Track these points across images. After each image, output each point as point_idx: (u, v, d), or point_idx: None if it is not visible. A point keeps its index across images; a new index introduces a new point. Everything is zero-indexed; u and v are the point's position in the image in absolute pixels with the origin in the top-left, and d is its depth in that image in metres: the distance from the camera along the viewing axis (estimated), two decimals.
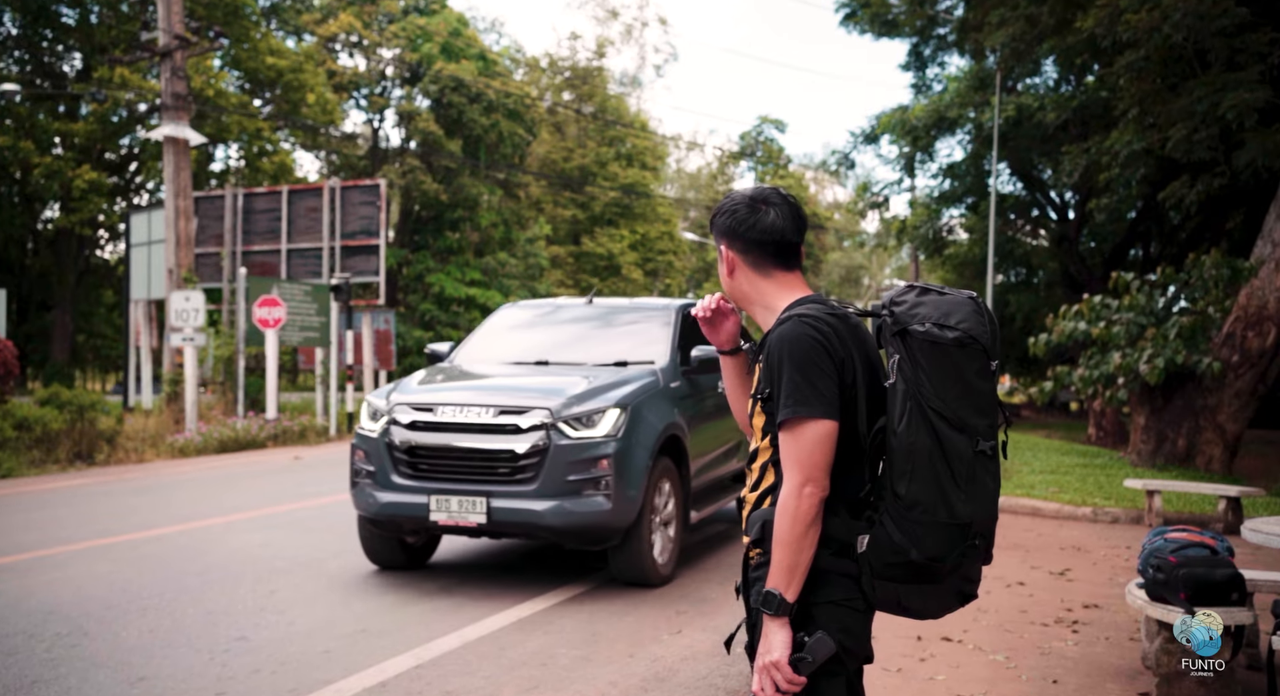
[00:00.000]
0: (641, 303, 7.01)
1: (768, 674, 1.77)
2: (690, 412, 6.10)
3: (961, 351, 1.73)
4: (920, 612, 1.85)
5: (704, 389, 6.46)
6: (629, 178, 46.87)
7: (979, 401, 1.75)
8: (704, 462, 6.39)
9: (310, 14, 37.70)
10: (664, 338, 6.37)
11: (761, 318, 1.98)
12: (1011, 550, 6.84)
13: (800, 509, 1.75)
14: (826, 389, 1.78)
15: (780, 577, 1.76)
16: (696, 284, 58.97)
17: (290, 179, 31.42)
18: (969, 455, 1.72)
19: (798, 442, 1.77)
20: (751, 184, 21.39)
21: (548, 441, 5.20)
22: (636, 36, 56.87)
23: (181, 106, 15.35)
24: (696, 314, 2.10)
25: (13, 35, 31.97)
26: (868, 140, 24.66)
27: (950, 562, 1.74)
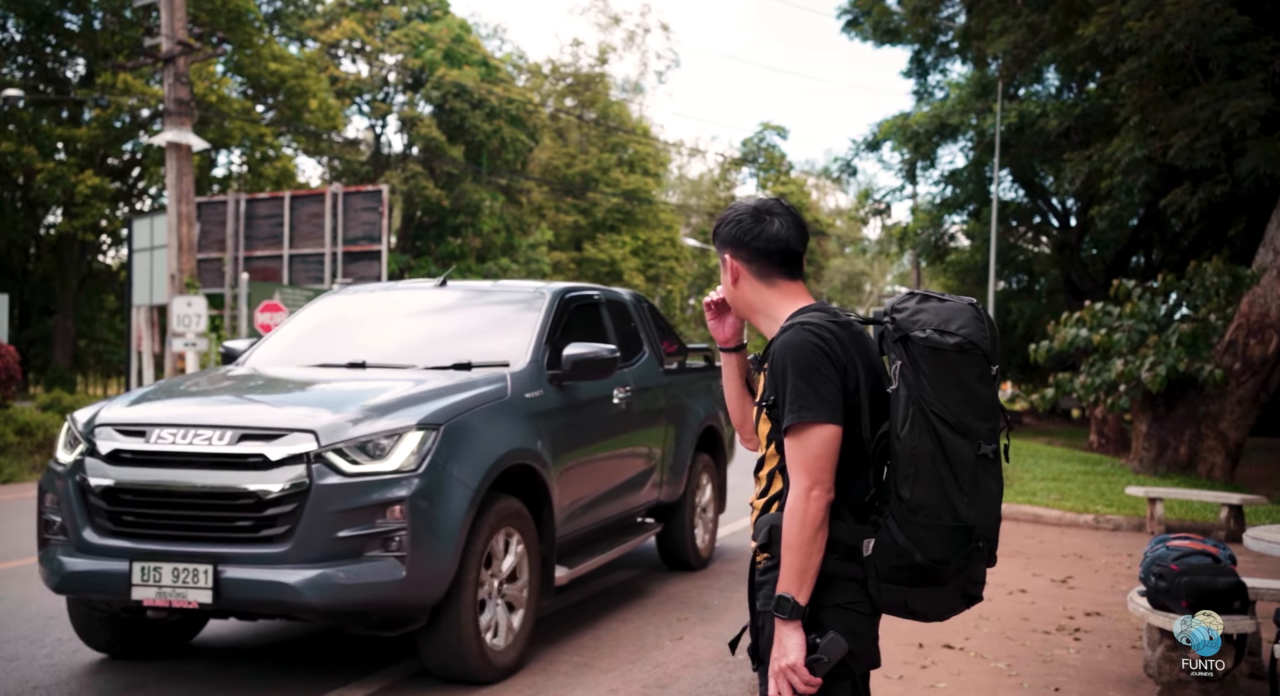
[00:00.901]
0: (507, 286, 5.46)
1: (784, 677, 1.79)
2: (557, 434, 4.53)
3: (962, 357, 1.76)
4: (927, 615, 1.87)
5: (584, 402, 4.85)
6: (631, 184, 46.95)
7: (980, 406, 1.78)
8: (583, 501, 4.82)
9: (313, 20, 37.83)
10: (527, 332, 4.73)
11: (765, 326, 2.00)
12: (1013, 557, 6.83)
13: (809, 513, 1.77)
14: (830, 394, 1.80)
15: (791, 581, 1.78)
16: (698, 290, 59.01)
17: (292, 185, 31.49)
18: (971, 459, 1.75)
19: (804, 447, 1.79)
20: (753, 192, 21.50)
21: (308, 479, 3.58)
22: (639, 43, 57.00)
23: (184, 112, 15.39)
24: (708, 302, 2.12)
25: (16, 41, 32.05)
26: (869, 147, 24.68)
27: (955, 565, 1.76)
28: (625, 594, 5.59)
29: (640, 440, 5.48)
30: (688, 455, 6.04)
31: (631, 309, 5.99)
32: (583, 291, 5.40)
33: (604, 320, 5.49)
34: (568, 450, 4.62)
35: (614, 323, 5.58)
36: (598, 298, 5.55)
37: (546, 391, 4.55)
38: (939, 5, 16.89)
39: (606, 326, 5.47)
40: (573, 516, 4.71)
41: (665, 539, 6.09)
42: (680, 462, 5.96)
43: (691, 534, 6.16)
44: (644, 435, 5.52)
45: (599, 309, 5.51)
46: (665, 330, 6.31)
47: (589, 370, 4.60)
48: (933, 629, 4.79)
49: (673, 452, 5.88)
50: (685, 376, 6.30)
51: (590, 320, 5.38)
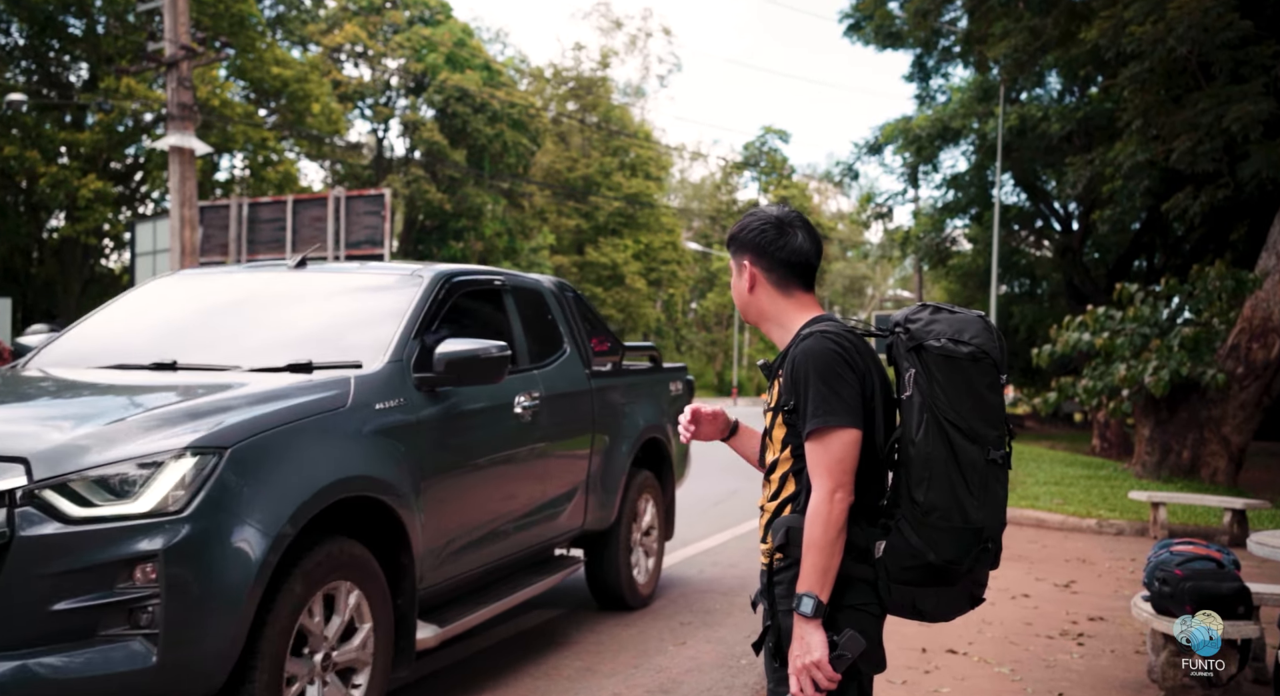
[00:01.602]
0: (379, 268, 4.43)
1: (808, 674, 1.84)
2: (425, 454, 3.54)
3: (975, 365, 1.85)
4: (933, 615, 1.94)
5: (469, 413, 3.85)
6: (633, 188, 46.97)
7: (990, 413, 1.86)
8: (469, 537, 3.85)
9: (316, 24, 37.88)
10: (392, 325, 3.73)
11: (776, 334, 2.07)
12: (1016, 561, 6.82)
13: (833, 514, 1.83)
14: (851, 399, 1.87)
15: (814, 580, 1.84)
16: (700, 294, 58.99)
17: (295, 188, 31.51)
18: (981, 464, 1.83)
19: (827, 450, 1.86)
20: (755, 195, 21.43)
21: (8, 530, 2.54)
22: (640, 47, 57.02)
23: (187, 116, 15.42)
24: (685, 439, 2.21)
25: (19, 45, 32.13)
26: (871, 151, 24.69)
27: (965, 565, 1.85)
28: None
29: (555, 457, 4.49)
30: (621, 473, 5.05)
31: (550, 298, 4.95)
32: (476, 276, 4.36)
33: (507, 311, 4.48)
34: (441, 474, 3.61)
35: (522, 315, 4.57)
36: (500, 284, 4.51)
37: (411, 400, 3.50)
38: (941, 9, 16.91)
39: (510, 319, 4.47)
40: (451, 557, 3.71)
41: (595, 573, 5.13)
42: (611, 482, 4.97)
43: (626, 567, 5.15)
44: (560, 451, 4.55)
45: (501, 297, 4.49)
46: (596, 325, 5.35)
47: (471, 372, 3.57)
48: (936, 633, 4.78)
49: (601, 470, 4.90)
50: (621, 379, 5.30)
51: (489, 311, 4.49)
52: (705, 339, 59.47)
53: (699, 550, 7.13)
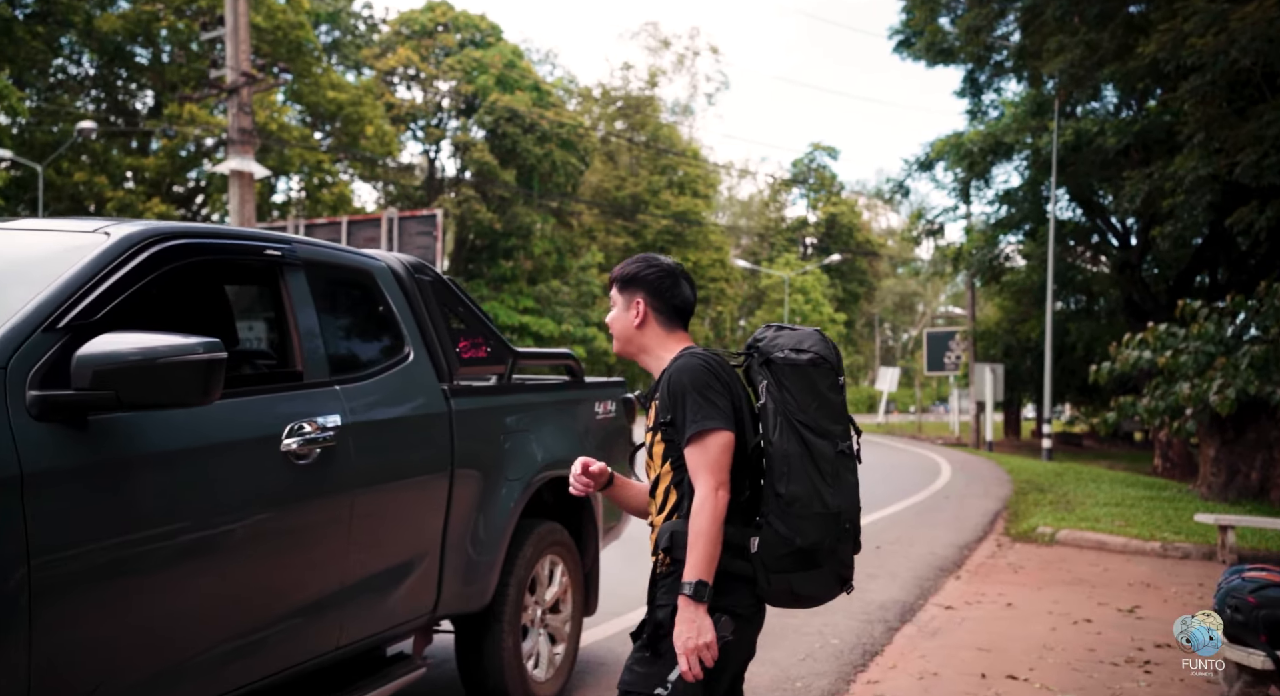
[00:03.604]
0: (44, 226, 2.81)
1: (697, 654, 2.02)
2: (52, 535, 2.10)
3: (816, 370, 2.14)
4: (810, 599, 2.16)
5: (154, 458, 2.36)
6: (681, 205, 47.07)
7: (833, 411, 2.15)
8: (166, 667, 2.40)
9: (370, 49, 38.70)
10: (11, 310, 2.23)
11: (653, 365, 2.31)
12: (1076, 585, 6.66)
13: (716, 507, 2.05)
14: (724, 406, 2.12)
15: (703, 568, 2.03)
16: (749, 311, 58.80)
17: (349, 209, 32.13)
18: (832, 455, 2.11)
19: (706, 452, 2.09)
20: (804, 212, 21.40)
21: None
22: (688, 66, 57.33)
23: (247, 141, 15.82)
24: (578, 491, 2.31)
25: (90, 75, 33.32)
26: (922, 167, 24.45)
27: (828, 545, 2.09)
28: None
29: (371, 514, 3.00)
30: (504, 528, 3.58)
31: (385, 282, 3.43)
32: (222, 241, 2.85)
33: (289, 297, 2.97)
34: (92, 565, 2.18)
35: (322, 304, 3.09)
36: (279, 255, 2.96)
37: (14, 436, 2.06)
38: (994, 24, 16.75)
39: (294, 309, 2.97)
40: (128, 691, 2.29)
41: (467, 669, 3.69)
42: (486, 542, 3.52)
43: (515, 660, 3.66)
44: (383, 502, 3.06)
45: (279, 277, 2.98)
46: (472, 322, 3.76)
47: (145, 388, 2.16)
48: (996, 659, 4.68)
49: (467, 527, 3.45)
50: (508, 398, 3.81)
51: (253, 299, 3.55)
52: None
53: None
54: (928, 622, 5.55)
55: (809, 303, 54.18)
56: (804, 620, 5.51)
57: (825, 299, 56.36)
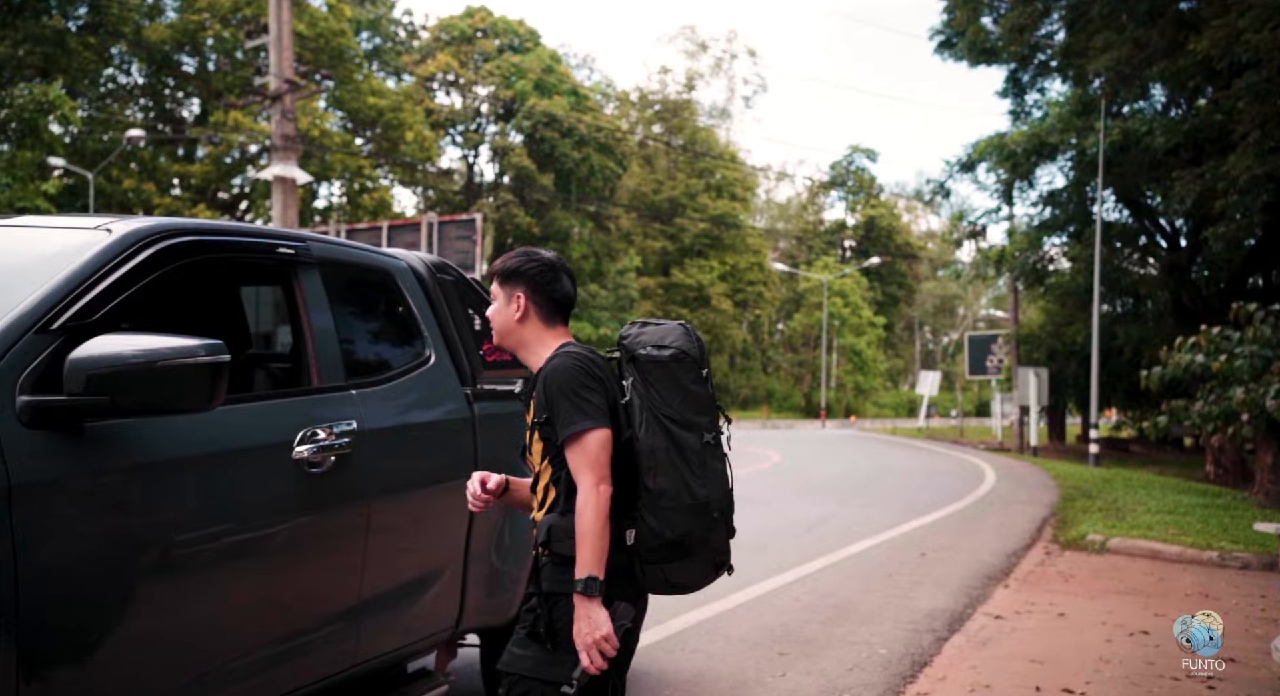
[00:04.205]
0: (44, 222, 2.74)
1: (597, 648, 2.05)
2: (46, 550, 1.99)
3: (678, 365, 2.18)
4: (686, 586, 2.22)
5: (154, 467, 2.22)
6: (718, 209, 46.94)
7: (698, 403, 2.19)
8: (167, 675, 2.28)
9: (410, 55, 39.06)
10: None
11: (532, 360, 2.32)
12: (1130, 595, 6.48)
13: (600, 503, 2.08)
14: (599, 404, 2.15)
15: (593, 564, 2.07)
16: (787, 314, 58.48)
17: (389, 214, 32.45)
18: (698, 447, 2.15)
19: (584, 450, 2.11)
20: (842, 215, 21.34)
21: None
22: (726, 69, 57.19)
23: (290, 147, 16.02)
24: (476, 508, 2.33)
25: (139, 84, 34.00)
26: (964, 168, 24.11)
27: (698, 535, 2.14)
28: (717, 630, 5.49)
29: (389, 527, 2.89)
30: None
31: (406, 282, 3.31)
32: (230, 238, 2.73)
33: (304, 298, 2.85)
34: (78, 575, 2.05)
35: (339, 305, 3.00)
36: (291, 253, 2.84)
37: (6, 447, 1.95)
38: (1038, 23, 16.48)
39: (309, 310, 2.85)
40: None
41: (495, 684, 3.12)
42: (514, 552, 3.45)
43: None
44: (402, 512, 2.97)
45: (292, 276, 2.86)
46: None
47: (143, 393, 2.05)
48: (1051, 672, 4.56)
49: (492, 537, 3.36)
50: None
51: (265, 300, 3.42)
52: (792, 360, 58.85)
53: (794, 577, 6.98)
54: (977, 632, 5.43)
55: (847, 306, 53.75)
56: (850, 629, 5.42)
57: (864, 302, 55.87)
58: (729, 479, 2.23)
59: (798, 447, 24.01)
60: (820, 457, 20.56)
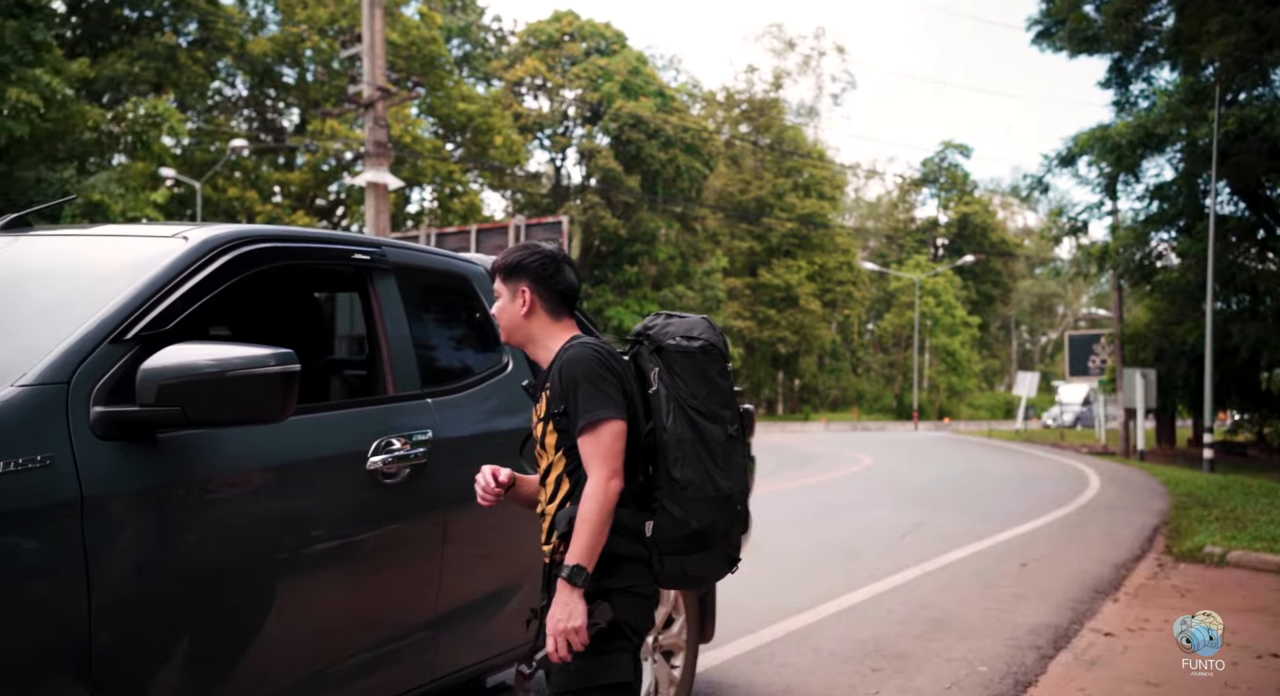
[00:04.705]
0: (124, 232, 2.73)
1: (565, 637, 2.06)
2: (113, 567, 1.94)
3: (706, 357, 2.21)
4: (703, 579, 2.26)
5: (224, 478, 2.21)
6: (806, 208, 46.37)
7: (723, 396, 2.22)
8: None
9: (499, 60, 39.66)
10: (72, 319, 2.10)
11: (540, 354, 2.31)
12: (1256, 613, 6.06)
13: (608, 497, 2.08)
14: (616, 395, 2.15)
15: (585, 555, 2.07)
16: (877, 314, 57.40)
17: (479, 218, 32.99)
18: (723, 439, 2.18)
19: (599, 441, 2.11)
20: (934, 213, 20.86)
21: None
22: (814, 66, 56.52)
23: (382, 153, 16.37)
24: (487, 502, 2.33)
25: (243, 96, 35.37)
26: (1063, 163, 23.21)
27: (721, 527, 2.17)
28: (806, 642, 5.33)
29: (466, 538, 2.82)
30: None
31: (481, 287, 3.25)
32: (306, 245, 2.68)
33: (379, 304, 2.79)
34: (151, 588, 2.02)
35: (414, 311, 2.92)
36: (367, 260, 2.80)
37: (76, 457, 1.91)
38: (1145, 8, 15.73)
39: (383, 317, 2.79)
40: None
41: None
42: None
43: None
44: (476, 524, 2.84)
45: (367, 282, 2.81)
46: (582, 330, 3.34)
47: (214, 403, 2.01)
48: None
49: None
50: None
51: (339, 306, 3.41)
52: (883, 361, 57.73)
53: (887, 587, 6.75)
54: (1085, 650, 5.14)
55: (940, 305, 52.47)
56: (947, 644, 5.19)
57: (957, 301, 54.46)
58: (747, 474, 2.27)
59: (889, 450, 23.48)
60: (913, 461, 20.06)
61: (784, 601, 6.08)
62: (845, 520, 10.21)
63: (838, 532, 9.29)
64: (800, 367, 49.51)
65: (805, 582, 6.74)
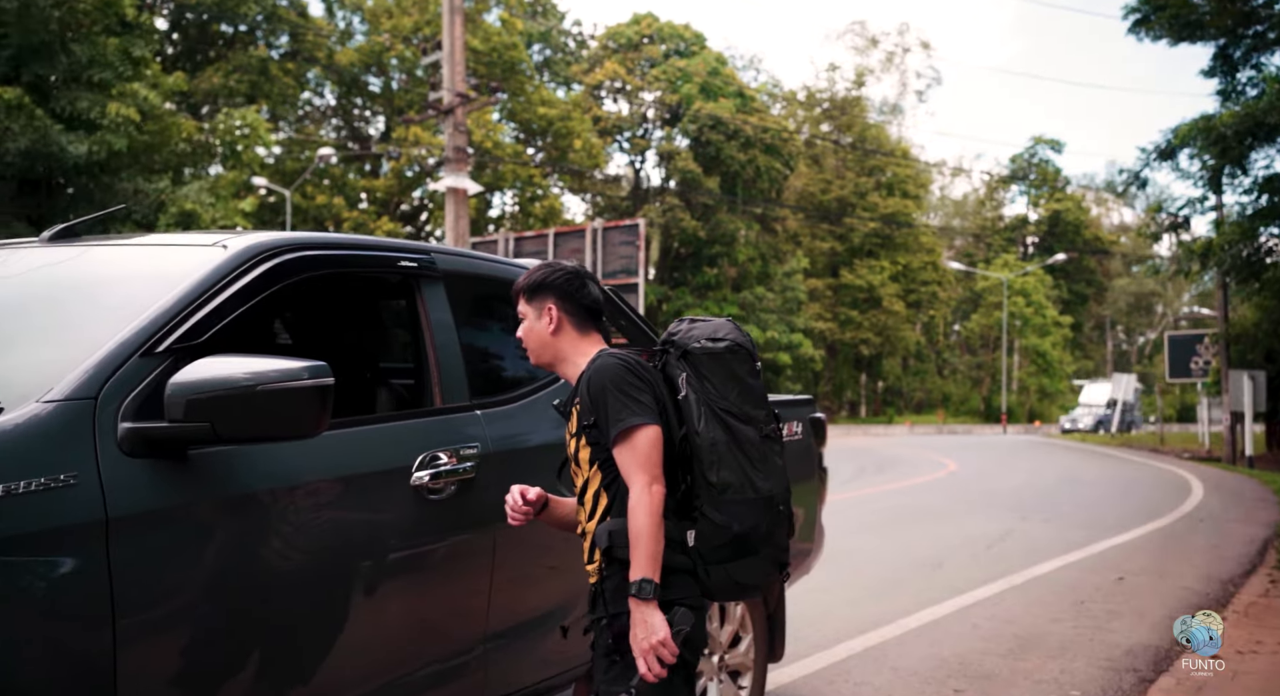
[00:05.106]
0: (166, 241, 2.74)
1: (654, 653, 1.99)
2: (142, 589, 1.86)
3: (733, 357, 2.18)
4: (752, 586, 2.20)
5: (256, 497, 2.10)
6: (889, 207, 45.52)
7: (754, 396, 2.19)
8: None
9: (579, 64, 39.92)
10: (105, 331, 2.02)
11: (569, 372, 2.28)
12: None
13: (654, 503, 2.04)
14: (648, 401, 2.11)
15: (647, 566, 2.02)
16: (964, 315, 55.98)
17: (559, 222, 33.25)
18: (758, 440, 2.14)
19: (635, 449, 2.07)
20: (1023, 210, 20.32)
21: None
22: (898, 63, 55.43)
23: (461, 159, 16.57)
24: (517, 521, 2.29)
25: (331, 106, 36.39)
26: (1162, 156, 22.18)
27: (764, 531, 2.12)
28: (884, 660, 5.11)
29: (513, 552, 2.69)
30: None
31: None
32: (349, 252, 2.59)
33: (426, 313, 2.68)
34: (181, 613, 1.95)
35: (464, 319, 2.83)
36: (415, 266, 2.69)
37: (102, 475, 1.83)
38: None
39: (430, 327, 2.67)
40: None
41: None
42: None
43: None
44: (528, 540, 2.70)
45: (415, 290, 2.70)
46: (638, 337, 3.37)
47: (245, 419, 1.92)
48: None
49: None
50: None
51: (385, 315, 3.27)
52: (970, 362, 56.27)
53: (971, 601, 6.47)
54: (1189, 675, 4.80)
55: (1030, 305, 50.91)
56: (1036, 664, 4.92)
57: (1048, 301, 52.77)
58: (786, 474, 2.22)
59: (976, 454, 22.80)
60: (1001, 466, 19.42)
61: (860, 615, 5.87)
62: (927, 529, 9.88)
63: (919, 542, 8.99)
64: (884, 369, 48.60)
65: (883, 595, 6.51)
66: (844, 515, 10.31)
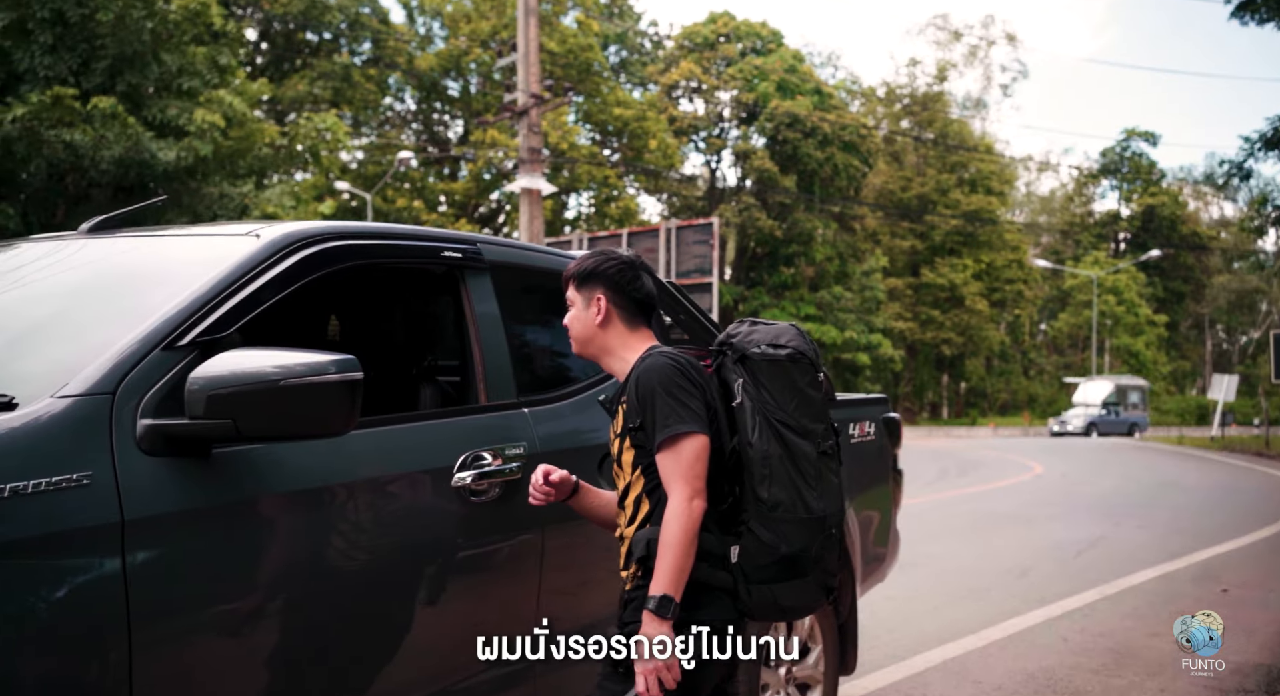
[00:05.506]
0: (205, 232, 2.53)
1: (656, 675, 1.89)
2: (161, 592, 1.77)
3: (795, 366, 2.05)
4: (795, 610, 2.07)
5: (289, 497, 2.00)
6: (972, 204, 44.40)
7: (814, 409, 2.06)
8: None
9: (655, 65, 39.92)
10: (129, 323, 1.93)
11: (616, 366, 2.17)
12: None
13: (691, 519, 1.93)
14: (697, 408, 2.00)
15: (671, 583, 1.90)
16: (1051, 314, 54.29)
17: (634, 222, 33.26)
18: (814, 456, 2.01)
19: (679, 458, 1.96)
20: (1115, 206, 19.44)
21: None
22: (981, 57, 54.06)
23: (535, 160, 16.64)
24: (539, 501, 2.18)
25: (411, 110, 37.11)
26: (1268, 145, 21.15)
27: (814, 552, 1.99)
28: (966, 673, 4.86)
29: (562, 556, 2.58)
30: None
31: None
32: (388, 241, 2.48)
33: (471, 308, 2.56)
34: (201, 620, 1.85)
35: (511, 314, 2.68)
36: (460, 256, 2.57)
37: (119, 473, 1.75)
38: None
39: (476, 321, 2.56)
40: None
41: None
42: None
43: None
44: (577, 543, 2.62)
45: (460, 283, 2.58)
46: (698, 332, 3.13)
47: (269, 415, 1.82)
48: None
49: None
50: None
51: (430, 310, 3.14)
52: (1057, 362, 54.48)
53: (1059, 612, 6.15)
54: None
55: (1121, 303, 49.08)
56: (1132, 682, 4.62)
57: (1141, 299, 50.79)
58: (842, 493, 2.10)
59: (1064, 457, 22.00)
60: (1091, 469, 18.67)
61: (940, 625, 5.62)
62: (1012, 534, 9.49)
63: (1003, 548, 8.63)
64: (966, 370, 47.40)
65: (965, 604, 6.24)
66: (924, 518, 9.99)
